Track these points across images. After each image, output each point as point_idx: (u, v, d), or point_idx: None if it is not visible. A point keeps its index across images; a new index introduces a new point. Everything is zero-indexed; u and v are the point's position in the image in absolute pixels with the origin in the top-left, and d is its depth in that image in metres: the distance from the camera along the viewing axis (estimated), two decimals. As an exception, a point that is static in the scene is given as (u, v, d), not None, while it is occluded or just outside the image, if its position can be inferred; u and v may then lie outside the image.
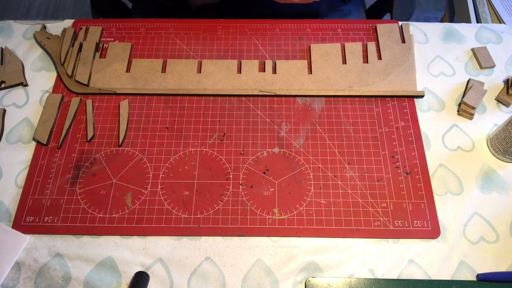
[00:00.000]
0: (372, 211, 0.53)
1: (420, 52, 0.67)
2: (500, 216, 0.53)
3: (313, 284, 0.49)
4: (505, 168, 0.57)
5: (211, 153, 0.58)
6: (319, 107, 0.61)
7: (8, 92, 0.63)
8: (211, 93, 0.62)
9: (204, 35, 0.68)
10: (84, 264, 0.50)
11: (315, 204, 0.54)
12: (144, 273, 0.49)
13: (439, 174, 0.56)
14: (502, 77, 0.64)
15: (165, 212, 0.53)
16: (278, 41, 0.68)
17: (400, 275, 0.50)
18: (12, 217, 0.53)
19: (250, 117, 0.60)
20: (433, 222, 0.52)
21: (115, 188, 0.55)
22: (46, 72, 0.65)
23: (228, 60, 0.65)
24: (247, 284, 0.49)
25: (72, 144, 0.58)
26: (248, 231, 0.52)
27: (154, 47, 0.67)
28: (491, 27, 0.70)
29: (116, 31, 0.69)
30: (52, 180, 0.55)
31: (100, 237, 0.52)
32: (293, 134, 0.59)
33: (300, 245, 0.52)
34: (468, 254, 0.51)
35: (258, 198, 0.54)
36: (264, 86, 0.62)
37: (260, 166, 0.57)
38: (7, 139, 0.59)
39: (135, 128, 0.60)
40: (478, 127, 0.60)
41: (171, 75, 0.63)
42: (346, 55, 0.65)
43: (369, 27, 0.69)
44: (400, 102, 0.61)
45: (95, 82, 0.63)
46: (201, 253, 0.51)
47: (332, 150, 0.58)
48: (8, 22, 0.70)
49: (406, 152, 0.57)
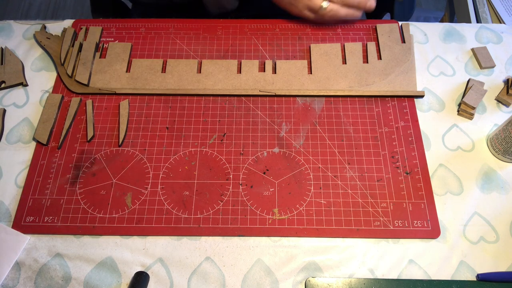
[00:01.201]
0: (372, 211, 0.53)
1: (420, 52, 0.67)
2: (500, 216, 0.53)
3: (313, 284, 0.49)
4: (505, 168, 0.57)
5: (211, 153, 0.58)
6: (319, 107, 0.61)
7: (8, 92, 0.63)
8: (211, 93, 0.62)
9: (204, 35, 0.68)
10: (84, 264, 0.50)
11: (315, 204, 0.54)
12: (144, 273, 0.49)
13: (439, 174, 0.56)
14: (502, 77, 0.64)
15: (165, 212, 0.53)
16: (278, 41, 0.68)
17: (400, 275, 0.50)
18: (12, 217, 0.53)
19: (250, 117, 0.60)
20: (433, 222, 0.52)
21: (115, 188, 0.55)
22: (46, 72, 0.65)
23: (228, 60, 0.65)
24: (247, 284, 0.49)
25: (72, 144, 0.58)
26: (248, 231, 0.52)
27: (154, 47, 0.67)
28: (491, 27, 0.70)
29: (116, 31, 0.69)
30: (52, 180, 0.55)
31: (100, 237, 0.52)
32: (293, 134, 0.59)
33: (300, 245, 0.52)
34: (468, 254, 0.51)
35: (258, 198, 0.54)
36: (264, 86, 0.62)
37: (260, 166, 0.57)
38: (7, 139, 0.59)
39: (135, 128, 0.60)
40: (478, 127, 0.60)
41: (171, 75, 0.63)
42: (346, 55, 0.65)
43: (369, 27, 0.69)
44: (400, 102, 0.61)
45: (95, 82, 0.63)
46: (201, 253, 0.51)
47: (332, 150, 0.58)
48: (8, 22, 0.70)
49: (406, 152, 0.57)
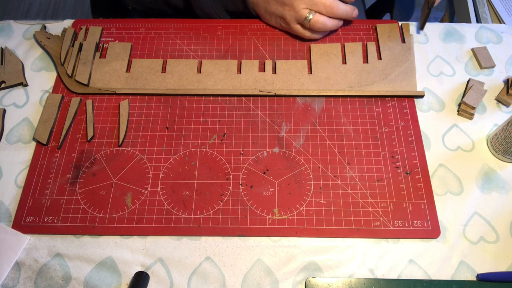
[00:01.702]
0: (372, 211, 0.53)
1: (420, 52, 0.67)
2: (500, 216, 0.53)
3: (313, 284, 0.49)
4: (505, 168, 0.57)
5: (211, 153, 0.58)
6: (319, 107, 0.61)
7: (8, 92, 0.63)
8: (211, 93, 0.62)
9: (204, 35, 0.68)
10: (84, 264, 0.50)
11: (315, 204, 0.54)
12: (144, 273, 0.49)
13: (439, 174, 0.56)
14: (502, 77, 0.64)
15: (165, 212, 0.53)
16: (278, 41, 0.68)
17: (400, 275, 0.50)
18: (12, 217, 0.53)
19: (250, 117, 0.60)
20: (433, 222, 0.52)
21: (115, 188, 0.55)
22: (46, 72, 0.65)
23: (228, 60, 0.65)
24: (247, 284, 0.49)
25: (72, 144, 0.58)
26: (248, 231, 0.52)
27: (154, 47, 0.67)
28: (491, 27, 0.70)
29: (116, 31, 0.69)
30: (52, 180, 0.55)
31: (100, 237, 0.52)
32: (293, 134, 0.59)
33: (300, 245, 0.52)
34: (468, 254, 0.51)
35: (258, 198, 0.54)
36: (264, 86, 0.62)
37: (260, 166, 0.56)
38: (7, 139, 0.59)
39: (135, 128, 0.60)
40: (478, 127, 0.60)
41: (171, 75, 0.63)
42: (346, 55, 0.65)
43: (369, 27, 0.69)
44: (400, 102, 0.61)
45: (95, 82, 0.63)
46: (201, 253, 0.51)
47: (332, 150, 0.58)
48: (8, 22, 0.70)
49: (406, 152, 0.57)
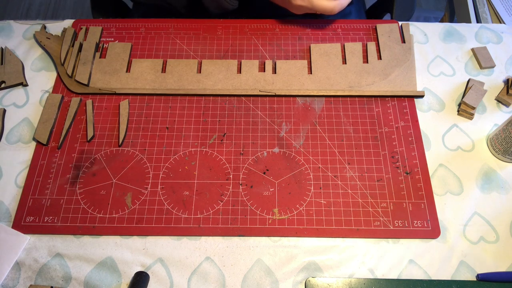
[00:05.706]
0: (372, 211, 0.53)
1: (420, 52, 0.67)
2: (500, 216, 0.53)
3: (313, 284, 0.49)
4: (505, 168, 0.57)
5: (211, 153, 0.58)
6: (319, 107, 0.61)
7: (8, 92, 0.63)
8: (211, 93, 0.62)
9: (204, 35, 0.68)
10: (84, 264, 0.50)
11: (315, 204, 0.54)
12: (144, 273, 0.49)
13: (439, 174, 0.56)
14: (502, 77, 0.64)
15: (165, 212, 0.53)
16: (278, 41, 0.68)
17: (400, 275, 0.50)
18: (12, 217, 0.53)
19: (250, 117, 0.60)
20: (433, 222, 0.52)
21: (115, 188, 0.55)
22: (46, 72, 0.65)
23: (228, 60, 0.65)
24: (247, 284, 0.49)
25: (72, 144, 0.58)
26: (248, 231, 0.52)
27: (154, 47, 0.67)
28: (491, 27, 0.70)
29: (116, 31, 0.69)
30: (52, 180, 0.55)
31: (100, 237, 0.52)
32: (293, 134, 0.59)
33: (300, 245, 0.52)
34: (468, 254, 0.51)
35: (258, 198, 0.54)
36: (264, 86, 0.62)
37: (260, 166, 0.56)
38: (7, 139, 0.59)
39: (135, 128, 0.60)
40: (478, 127, 0.60)
41: (171, 75, 0.63)
42: (346, 55, 0.65)
43: (369, 27, 0.69)
44: (400, 102, 0.61)
45: (95, 82, 0.63)
46: (201, 253, 0.51)
47: (332, 150, 0.58)
48: (8, 22, 0.70)
49: (406, 152, 0.57)
